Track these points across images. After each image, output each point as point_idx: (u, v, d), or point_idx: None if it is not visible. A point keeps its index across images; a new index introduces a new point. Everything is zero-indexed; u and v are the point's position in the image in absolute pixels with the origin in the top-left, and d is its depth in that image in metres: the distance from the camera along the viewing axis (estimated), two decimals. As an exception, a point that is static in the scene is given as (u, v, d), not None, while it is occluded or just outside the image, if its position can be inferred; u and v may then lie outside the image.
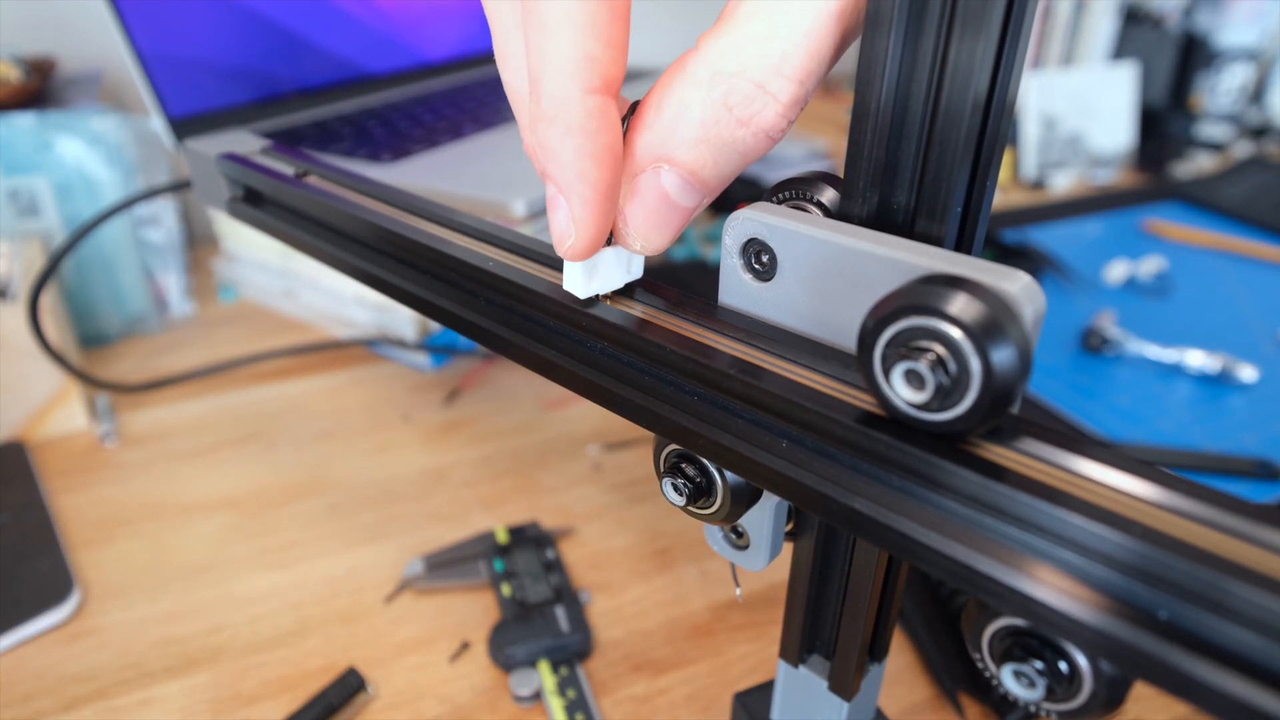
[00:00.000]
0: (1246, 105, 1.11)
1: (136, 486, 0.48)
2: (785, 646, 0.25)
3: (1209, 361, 0.57)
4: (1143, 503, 0.14)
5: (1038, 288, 0.16)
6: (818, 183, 0.21)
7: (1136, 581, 0.14)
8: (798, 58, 0.17)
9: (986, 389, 0.15)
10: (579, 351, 0.23)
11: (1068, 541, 0.14)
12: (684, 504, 0.21)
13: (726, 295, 0.22)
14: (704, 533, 0.25)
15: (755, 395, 0.19)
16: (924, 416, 0.16)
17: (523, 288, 0.23)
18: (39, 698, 0.36)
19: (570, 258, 0.20)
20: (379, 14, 0.73)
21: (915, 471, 0.16)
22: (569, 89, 0.18)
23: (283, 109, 0.66)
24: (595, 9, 0.17)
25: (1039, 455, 0.16)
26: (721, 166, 0.19)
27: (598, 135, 0.18)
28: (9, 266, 0.51)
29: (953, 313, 0.15)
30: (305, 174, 0.33)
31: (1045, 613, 0.14)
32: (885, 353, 0.16)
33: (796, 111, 0.18)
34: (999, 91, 0.17)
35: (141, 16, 0.57)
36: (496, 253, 0.26)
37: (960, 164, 0.17)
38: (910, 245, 0.18)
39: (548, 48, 0.18)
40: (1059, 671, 0.16)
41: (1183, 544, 0.13)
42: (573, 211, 0.19)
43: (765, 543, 0.23)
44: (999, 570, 0.15)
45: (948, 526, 0.16)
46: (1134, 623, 0.13)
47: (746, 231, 0.20)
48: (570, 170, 0.19)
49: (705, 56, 0.18)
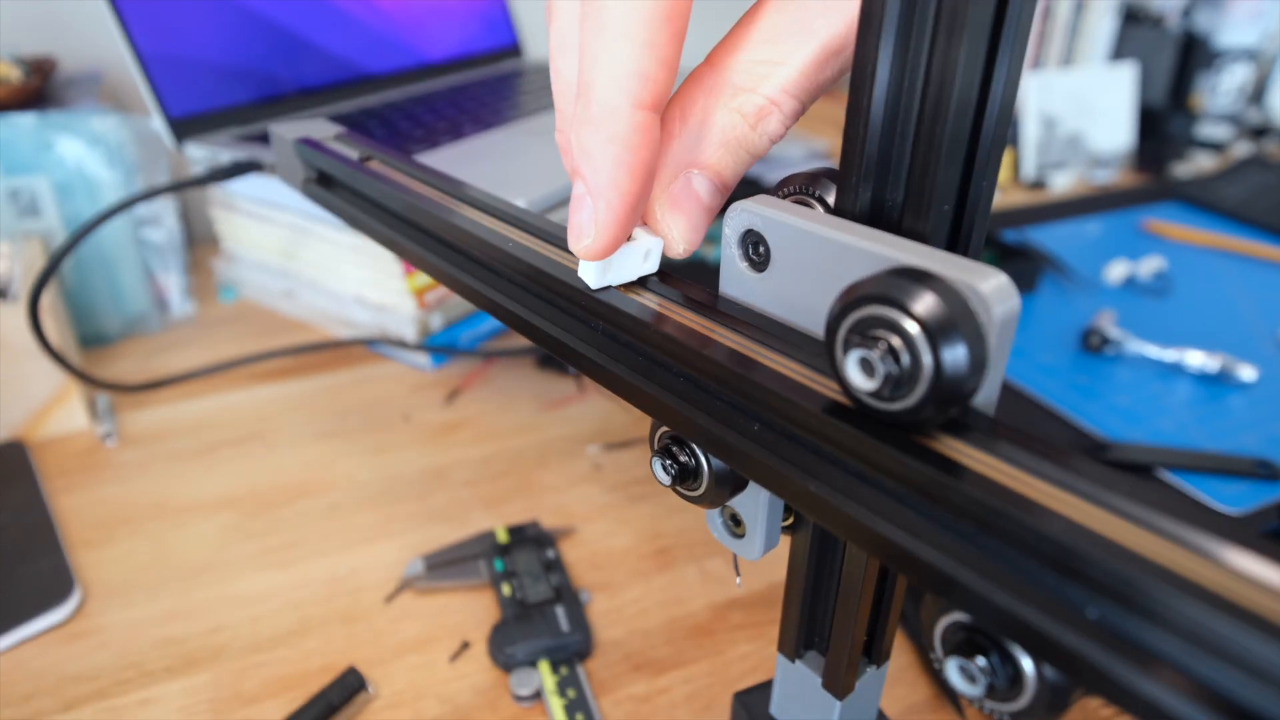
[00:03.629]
0: (1246, 105, 1.11)
1: (136, 486, 0.48)
2: (783, 640, 0.25)
3: (1209, 361, 0.57)
4: (1086, 502, 0.14)
5: (1012, 288, 0.16)
6: (822, 179, 0.21)
7: (1068, 580, 0.14)
8: (800, 82, 0.20)
9: (936, 384, 0.15)
10: (582, 330, 0.24)
11: (1007, 536, 0.15)
12: (670, 483, 0.22)
13: (726, 285, 0.22)
14: (705, 520, 0.25)
15: (734, 381, 0.19)
16: (877, 405, 0.16)
17: (538, 270, 0.24)
18: (39, 698, 0.36)
19: (583, 256, 0.21)
20: (379, 14, 0.73)
21: (866, 459, 0.17)
22: (619, 101, 0.19)
23: (283, 109, 0.66)
24: (657, 27, 0.18)
25: (998, 453, 0.16)
26: (737, 167, 0.21)
27: (639, 150, 0.19)
28: (9, 266, 0.51)
29: (910, 305, 0.15)
30: (368, 159, 0.35)
31: (970, 601, 0.15)
32: (846, 339, 0.16)
33: (794, 120, 0.21)
34: (994, 91, 0.17)
35: (141, 16, 0.57)
36: (518, 234, 0.27)
37: (946, 161, 0.17)
38: (892, 240, 0.18)
39: (603, 56, 0.19)
40: (1001, 671, 0.16)
41: (1110, 544, 0.13)
42: (597, 215, 0.20)
43: (760, 532, 0.23)
44: (941, 561, 0.15)
45: (893, 514, 0.16)
46: (1063, 620, 0.14)
47: (744, 223, 0.21)
48: (604, 176, 0.20)
49: (723, 73, 0.21)
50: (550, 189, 0.55)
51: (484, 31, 0.83)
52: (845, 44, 0.20)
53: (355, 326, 0.61)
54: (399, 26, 0.74)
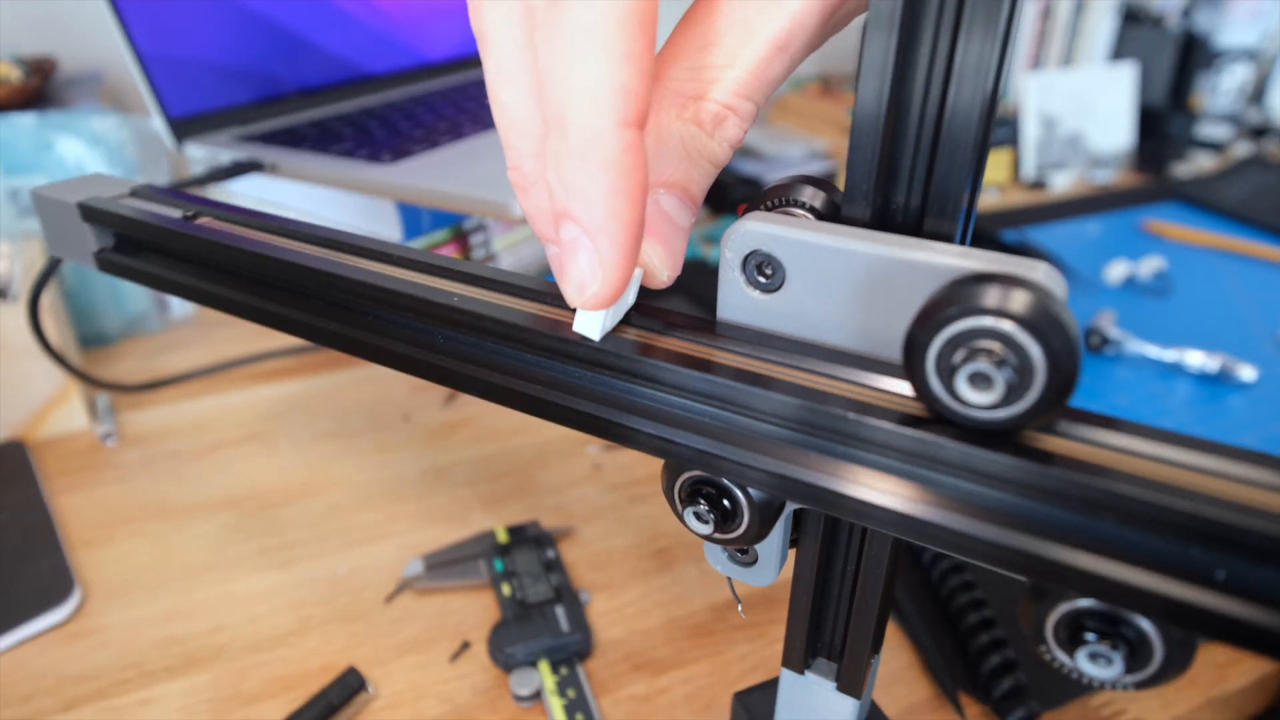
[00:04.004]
0: (1246, 105, 1.11)
1: (137, 486, 0.48)
2: (789, 654, 0.25)
3: (1209, 361, 0.57)
4: (1187, 469, 0.15)
5: (1057, 272, 0.16)
6: (798, 186, 0.20)
7: (1195, 546, 0.14)
8: (751, 82, 0.19)
9: (1053, 378, 0.15)
10: (572, 385, 0.21)
11: (1129, 516, 0.15)
12: (709, 532, 0.20)
13: (725, 310, 0.21)
14: (705, 552, 0.24)
15: (795, 411, 0.18)
16: (988, 416, 0.16)
17: (509, 324, 0.22)
18: (39, 698, 0.36)
19: (593, 307, 0.19)
20: (379, 14, 0.73)
21: (976, 470, 0.16)
22: (604, 122, 0.17)
23: (283, 109, 0.66)
24: (633, 34, 0.16)
25: (1089, 439, 0.16)
26: (703, 179, 0.20)
27: (633, 172, 0.17)
28: (9, 266, 0.51)
29: (1007, 308, 0.15)
30: (195, 215, 0.30)
31: (1119, 590, 0.15)
32: (940, 357, 0.16)
33: (751, 122, 0.20)
34: (1000, 89, 0.17)
35: (141, 16, 0.57)
36: (454, 285, 0.24)
37: (970, 161, 0.17)
38: (930, 245, 0.18)
39: (576, 76, 0.16)
40: (1132, 644, 0.16)
41: (1233, 504, 0.14)
42: (600, 255, 0.18)
43: (775, 555, 0.22)
44: (1072, 557, 0.15)
45: (1022, 524, 0.16)
46: (1196, 584, 0.14)
47: (748, 244, 0.19)
48: (600, 209, 0.17)
49: (670, 83, 0.19)
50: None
51: (484, 31, 0.83)
52: (791, 38, 0.19)
53: (355, 326, 0.61)
54: (399, 26, 0.75)
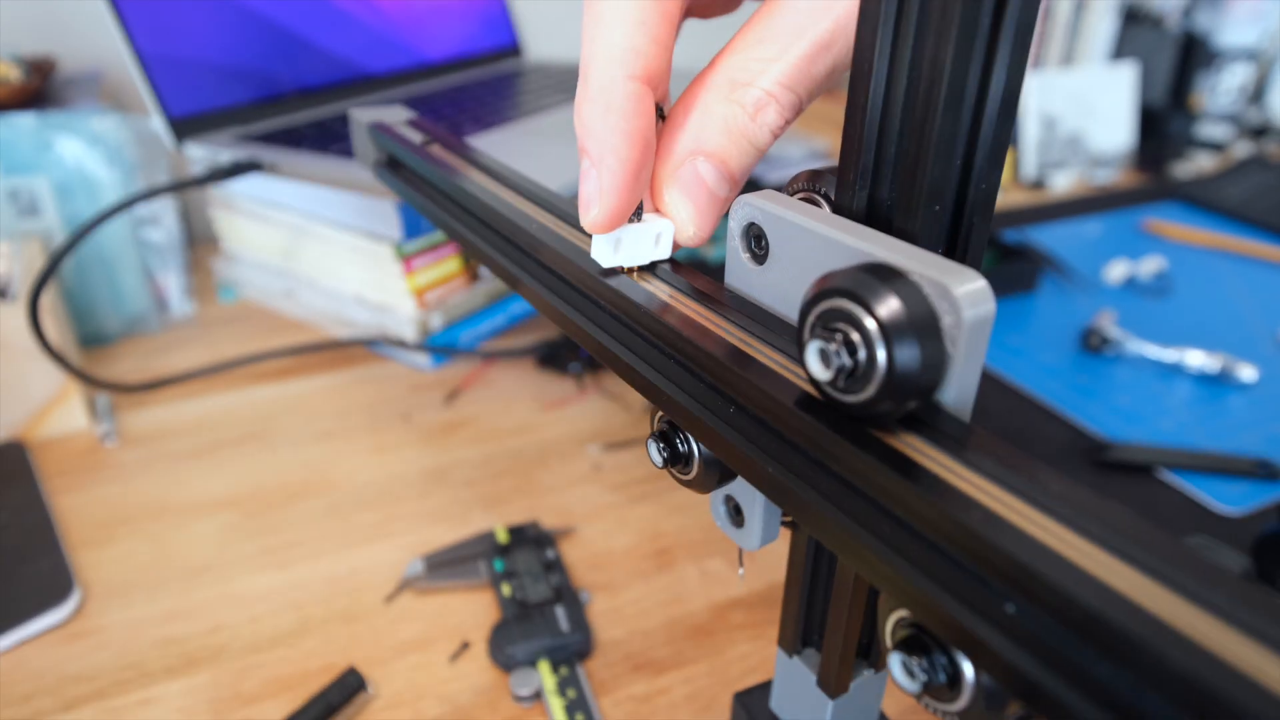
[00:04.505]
0: (1246, 105, 1.11)
1: (136, 486, 0.48)
2: (782, 635, 0.26)
3: (1209, 361, 0.57)
4: (1040, 512, 0.14)
5: (988, 292, 0.16)
6: (829, 176, 0.21)
7: (1011, 590, 0.14)
8: (794, 75, 0.22)
9: (889, 379, 0.15)
10: (591, 311, 0.25)
11: (950, 539, 0.15)
12: (662, 464, 0.23)
13: (731, 277, 0.23)
14: (709, 511, 0.26)
15: (719, 370, 0.20)
16: (836, 396, 0.17)
17: (551, 249, 0.26)
18: (39, 698, 0.36)
19: (591, 228, 0.23)
20: (379, 14, 0.73)
21: (824, 449, 0.17)
22: (614, 74, 0.21)
23: (283, 109, 0.66)
24: (648, 7, 0.21)
25: (952, 453, 0.16)
26: (742, 156, 0.23)
27: (633, 117, 0.21)
28: (9, 266, 0.51)
29: (871, 302, 0.15)
30: (428, 143, 0.36)
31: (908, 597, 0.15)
32: (811, 329, 0.17)
33: (794, 114, 0.22)
34: (993, 91, 0.17)
35: (141, 16, 0.57)
36: (543, 215, 0.28)
37: (936, 159, 0.17)
38: (878, 238, 0.18)
39: (600, 37, 0.21)
40: (941, 671, 0.16)
41: (1051, 554, 0.13)
42: (601, 183, 0.22)
43: (757, 522, 0.23)
44: (880, 550, 0.16)
45: (843, 501, 0.17)
46: (1002, 629, 0.14)
47: (746, 216, 0.21)
48: (604, 145, 0.21)
49: (725, 71, 0.22)
50: (551, 188, 0.55)
51: (484, 31, 0.83)
52: (834, 40, 0.21)
53: (355, 326, 0.61)
54: (399, 26, 0.74)
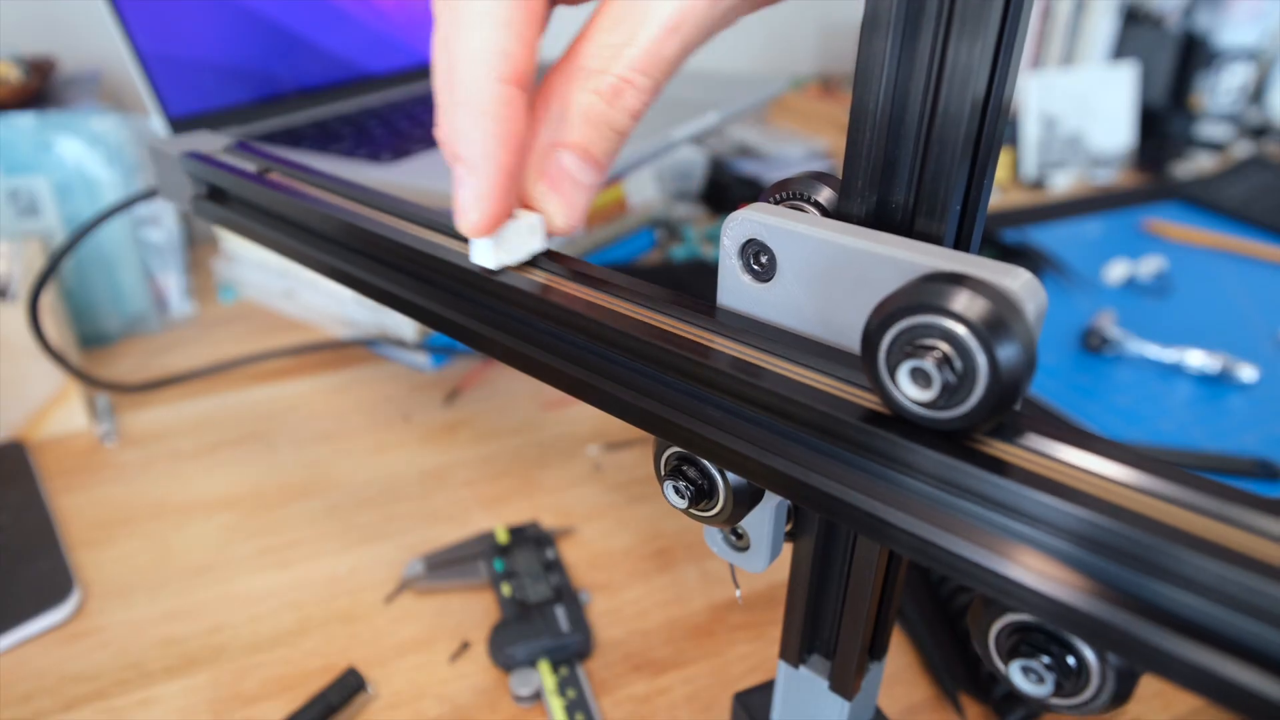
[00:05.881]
0: (1246, 105, 1.10)
1: (136, 486, 0.48)
2: (785, 647, 0.25)
3: (1209, 361, 0.57)
4: (1138, 492, 0.15)
5: (1038, 284, 0.16)
6: (813, 182, 0.21)
7: (1125, 568, 0.14)
8: (646, 59, 0.22)
9: (993, 386, 0.15)
10: (569, 351, 0.23)
11: (1078, 537, 0.15)
12: (685, 506, 0.21)
13: (725, 296, 0.22)
14: (703, 535, 0.25)
15: (755, 394, 0.19)
16: (930, 414, 0.16)
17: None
18: (39, 698, 0.36)
19: (471, 233, 0.22)
20: (379, 14, 0.73)
21: (923, 470, 0.16)
22: (483, 76, 0.21)
23: (283, 109, 0.66)
24: (511, 7, 0.21)
25: (1041, 451, 0.16)
26: (604, 142, 0.23)
27: (506, 121, 0.21)
28: (9, 266, 0.51)
29: (958, 310, 0.15)
30: (267, 170, 0.34)
31: (1049, 606, 0.14)
32: (890, 351, 0.16)
33: (652, 96, 0.22)
34: (995, 92, 0.17)
35: (141, 16, 0.57)
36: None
37: (960, 163, 0.17)
38: (911, 244, 0.18)
39: (464, 40, 0.21)
40: (1067, 666, 0.16)
41: (1175, 530, 0.14)
42: (477, 189, 0.22)
43: (766, 543, 0.23)
44: (1004, 566, 0.15)
45: (957, 525, 0.16)
46: (1132, 611, 0.14)
47: (745, 232, 0.20)
48: (477, 149, 0.21)
49: (577, 60, 0.22)
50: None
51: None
52: (682, 22, 0.21)
53: (355, 326, 0.61)
54: (399, 26, 0.74)
